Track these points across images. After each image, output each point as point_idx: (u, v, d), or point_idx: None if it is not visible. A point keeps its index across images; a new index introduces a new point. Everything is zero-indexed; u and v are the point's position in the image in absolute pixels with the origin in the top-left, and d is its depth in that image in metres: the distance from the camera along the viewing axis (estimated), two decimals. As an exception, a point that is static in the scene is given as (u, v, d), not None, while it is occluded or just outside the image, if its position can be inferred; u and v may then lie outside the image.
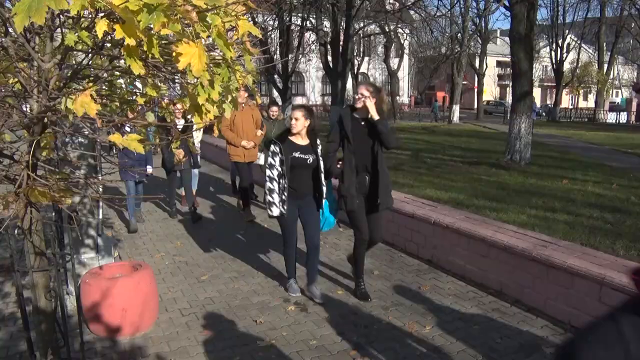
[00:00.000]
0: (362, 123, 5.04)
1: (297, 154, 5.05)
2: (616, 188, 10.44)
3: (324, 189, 5.22)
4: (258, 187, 10.38)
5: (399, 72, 41.89)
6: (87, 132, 3.05)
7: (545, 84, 58.88)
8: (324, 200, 5.24)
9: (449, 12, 32.75)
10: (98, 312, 4.35)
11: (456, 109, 36.44)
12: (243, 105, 8.54)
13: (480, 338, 4.39)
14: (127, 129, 4.28)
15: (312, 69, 43.19)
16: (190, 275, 5.98)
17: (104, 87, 3.02)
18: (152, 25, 1.56)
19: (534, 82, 29.48)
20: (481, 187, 10.37)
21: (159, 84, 2.70)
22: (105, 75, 2.65)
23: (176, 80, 2.57)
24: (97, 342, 4.37)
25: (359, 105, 4.97)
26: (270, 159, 5.07)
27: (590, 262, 4.49)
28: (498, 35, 55.18)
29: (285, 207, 4.99)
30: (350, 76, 30.96)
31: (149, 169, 8.16)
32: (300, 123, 5.09)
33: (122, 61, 2.22)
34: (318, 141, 5.23)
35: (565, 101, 55.19)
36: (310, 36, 31.67)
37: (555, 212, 7.99)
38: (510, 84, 15.28)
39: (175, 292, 5.46)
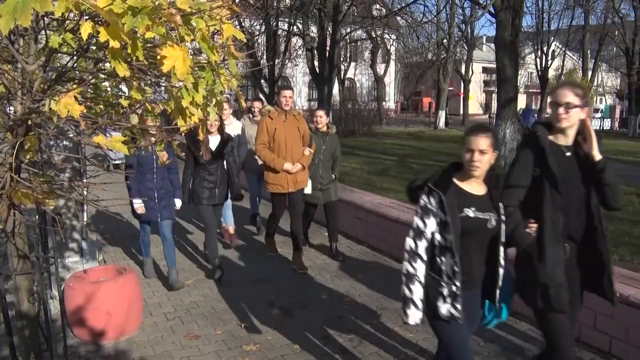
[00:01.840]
0: (568, 154, 3.01)
1: (470, 212, 2.83)
2: (599, 193, 10.53)
3: (501, 269, 3.01)
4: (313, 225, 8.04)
5: (386, 77, 42.10)
6: (71, 135, 3.04)
7: (531, 90, 59.31)
8: (497, 291, 3.03)
9: (435, 18, 33.02)
10: (82, 316, 4.32)
11: (442, 114, 36.65)
12: (285, 114, 6.17)
13: (464, 341, 4.41)
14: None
15: (298, 74, 43.22)
16: (175, 279, 5.95)
17: (89, 90, 3.02)
18: (136, 28, 1.57)
19: (519, 89, 29.72)
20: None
21: (144, 87, 2.70)
22: (90, 78, 2.65)
23: (161, 84, 2.57)
24: (81, 346, 4.35)
25: (564, 123, 2.94)
26: (417, 221, 2.87)
27: (572, 266, 4.53)
28: (484, 41, 55.53)
29: (458, 308, 2.79)
30: (336, 81, 31.07)
31: (178, 203, 5.89)
32: (486, 159, 2.85)
33: (107, 64, 2.22)
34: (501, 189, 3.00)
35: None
36: (297, 41, 31.72)
37: (539, 217, 8.04)
38: (496, 90, 15.41)
39: (160, 296, 5.44)
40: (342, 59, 35.81)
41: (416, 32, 34.41)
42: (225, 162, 6.03)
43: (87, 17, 1.68)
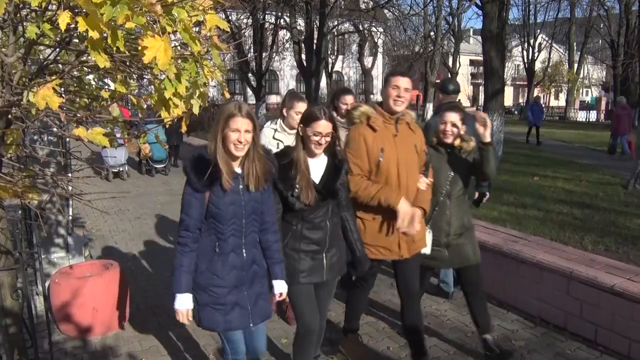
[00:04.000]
0: None
1: None
2: (585, 185, 10.63)
3: None
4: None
5: (373, 70, 41.99)
6: (54, 129, 3.01)
7: (518, 82, 59.56)
8: None
9: (422, 11, 33.04)
10: (68, 312, 4.29)
11: (429, 107, 36.70)
12: (395, 123, 3.55)
13: (452, 333, 4.43)
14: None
15: (286, 68, 43.12)
16: (162, 274, 5.92)
17: (73, 83, 2.98)
18: (116, 18, 1.55)
19: (506, 81, 29.83)
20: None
21: (129, 80, 2.67)
22: (75, 72, 2.62)
23: (145, 76, 2.54)
24: (67, 342, 4.32)
25: None
26: None
27: (559, 257, 4.56)
28: (471, 34, 55.71)
29: None
30: (324, 75, 31.01)
31: (281, 288, 3.10)
32: None
33: (91, 57, 2.19)
34: None
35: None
36: (284, 34, 31.61)
37: (526, 208, 8.10)
38: (483, 82, 15.47)
39: (147, 291, 5.41)
40: (329, 52, 35.72)
41: (403, 25, 34.36)
42: (338, 206, 3.33)
43: (65, 7, 1.65)
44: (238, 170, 2.73)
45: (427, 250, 3.87)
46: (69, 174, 4.64)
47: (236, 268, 2.82)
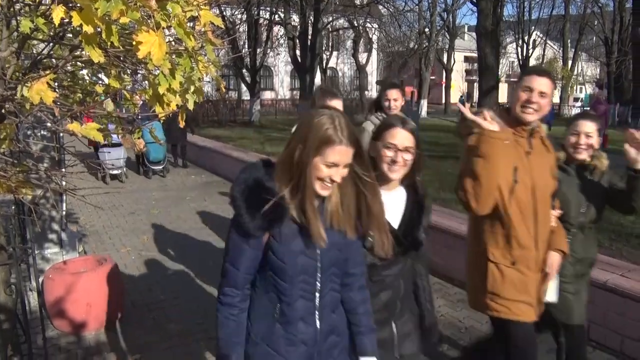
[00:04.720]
0: None
1: None
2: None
3: None
4: None
5: (368, 66, 41.99)
6: (48, 124, 3.00)
7: (512, 79, 59.64)
8: None
9: (417, 7, 33.09)
10: (62, 307, 4.28)
11: (424, 103, 36.77)
12: (530, 136, 2.70)
13: (446, 329, 4.44)
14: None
15: (280, 63, 43.10)
16: (156, 270, 5.92)
17: (67, 78, 2.97)
18: (110, 13, 1.54)
19: (501, 78, 29.86)
20: (448, 181, 10.49)
21: (123, 75, 2.66)
22: (68, 67, 2.61)
23: (139, 71, 2.54)
24: (61, 337, 4.31)
25: None
26: None
27: (552, 253, 4.57)
28: (465, 30, 55.72)
29: None
30: (318, 70, 31.02)
31: None
32: None
33: (85, 52, 2.18)
34: None
35: (531, 96, 56.05)
36: (279, 30, 31.56)
37: (519, 205, 8.12)
38: (478, 79, 15.54)
39: (142, 287, 5.40)
40: (324, 48, 35.68)
41: (398, 21, 34.36)
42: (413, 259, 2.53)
43: (59, 2, 1.64)
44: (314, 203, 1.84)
45: (552, 297, 2.89)
46: (63, 169, 4.63)
47: (306, 343, 1.92)
